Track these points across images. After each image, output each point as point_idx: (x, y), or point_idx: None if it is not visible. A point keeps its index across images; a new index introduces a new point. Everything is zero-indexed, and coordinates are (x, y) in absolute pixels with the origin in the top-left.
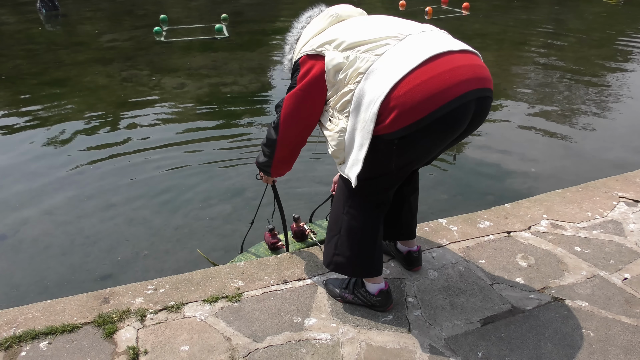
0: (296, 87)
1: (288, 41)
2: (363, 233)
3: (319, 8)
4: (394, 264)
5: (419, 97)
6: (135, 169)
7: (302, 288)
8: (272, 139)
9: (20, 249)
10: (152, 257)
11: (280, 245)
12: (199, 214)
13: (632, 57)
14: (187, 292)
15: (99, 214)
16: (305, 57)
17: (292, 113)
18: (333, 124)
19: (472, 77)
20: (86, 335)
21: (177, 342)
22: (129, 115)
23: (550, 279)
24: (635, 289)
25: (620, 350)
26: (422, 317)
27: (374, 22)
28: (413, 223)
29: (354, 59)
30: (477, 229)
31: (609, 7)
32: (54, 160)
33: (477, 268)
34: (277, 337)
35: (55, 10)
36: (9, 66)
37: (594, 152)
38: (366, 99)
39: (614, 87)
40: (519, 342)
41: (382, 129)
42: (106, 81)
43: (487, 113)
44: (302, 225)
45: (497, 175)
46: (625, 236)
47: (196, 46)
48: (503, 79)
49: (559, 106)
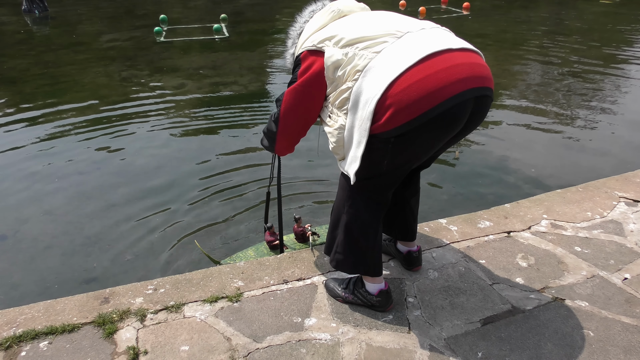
0: (296, 82)
1: (290, 35)
2: (362, 232)
3: (322, 2)
4: (394, 264)
5: (415, 95)
6: (135, 169)
7: (302, 288)
8: (273, 132)
9: (20, 249)
10: (152, 257)
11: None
12: (199, 214)
13: (632, 57)
14: (187, 292)
15: (99, 213)
16: (307, 52)
17: (292, 108)
18: (332, 120)
19: (470, 76)
20: (86, 335)
21: (177, 342)
22: (129, 116)
23: (550, 279)
24: (635, 289)
25: (620, 350)
26: (422, 317)
27: (374, 19)
28: (414, 225)
29: (352, 56)
30: (477, 229)
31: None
32: (54, 160)
33: (477, 268)
34: (277, 337)
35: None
36: (9, 66)
37: (594, 152)
38: (363, 97)
39: (613, 86)
40: (519, 342)
41: (378, 128)
42: (106, 81)
43: (486, 112)
44: (304, 227)
45: (497, 175)
46: (625, 236)
47: (196, 46)
48: (503, 78)
49: (559, 106)
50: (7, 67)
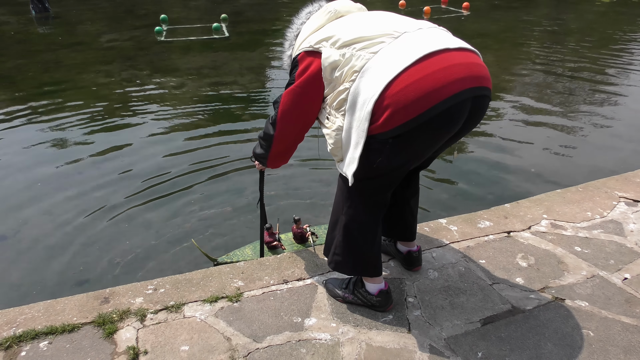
0: (294, 83)
1: (287, 37)
2: (361, 233)
3: (319, 4)
4: (394, 264)
5: (413, 95)
6: (135, 169)
7: (302, 288)
8: (269, 135)
9: (20, 249)
10: (152, 257)
11: (278, 245)
12: (199, 214)
13: (632, 57)
14: (187, 292)
15: (98, 213)
16: (304, 53)
17: (290, 110)
18: (330, 122)
19: (468, 76)
20: (86, 335)
21: (177, 342)
22: (128, 115)
23: (550, 279)
24: (635, 289)
25: (620, 350)
26: (422, 317)
27: (371, 19)
28: (414, 225)
29: (349, 56)
30: (477, 229)
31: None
32: (54, 160)
33: (477, 268)
34: (277, 337)
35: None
36: (9, 66)
37: (594, 151)
38: (361, 98)
39: (613, 86)
40: (519, 342)
41: (376, 129)
42: (106, 81)
43: (484, 112)
44: (303, 227)
45: (497, 175)
46: (625, 236)
47: (196, 46)
48: (503, 78)
49: (559, 106)
50: (8, 67)
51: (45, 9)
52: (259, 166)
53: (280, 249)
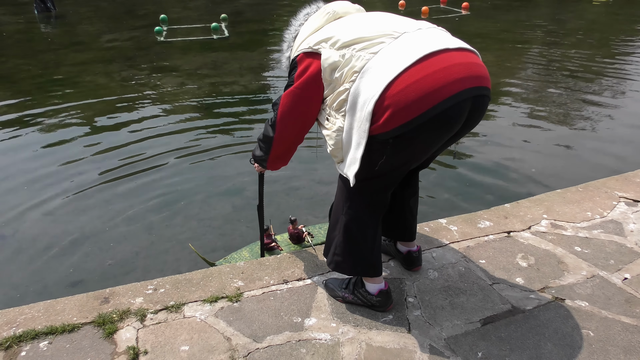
0: (293, 85)
1: (286, 39)
2: (361, 233)
3: (317, 5)
4: (394, 264)
5: (413, 96)
6: (135, 169)
7: (302, 288)
8: (269, 137)
9: (20, 249)
10: (152, 257)
11: (275, 246)
12: (198, 214)
13: (632, 57)
14: (187, 292)
15: (98, 214)
16: (303, 55)
17: (289, 111)
18: (330, 123)
19: (468, 76)
20: (86, 335)
21: (177, 342)
22: (128, 115)
23: (550, 279)
24: (635, 289)
25: (620, 350)
26: (422, 317)
27: (370, 20)
28: (414, 225)
29: (349, 57)
30: (477, 229)
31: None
32: (54, 160)
33: (477, 268)
34: (277, 337)
35: (47, 11)
36: (9, 66)
37: (594, 151)
38: (361, 98)
39: (613, 86)
40: (519, 342)
41: (376, 129)
42: (106, 81)
43: (484, 112)
44: (299, 228)
45: (497, 175)
46: (625, 236)
47: (196, 46)
48: (503, 78)
49: (559, 106)
50: (8, 67)
51: (47, 9)
52: (259, 169)
53: (277, 250)
